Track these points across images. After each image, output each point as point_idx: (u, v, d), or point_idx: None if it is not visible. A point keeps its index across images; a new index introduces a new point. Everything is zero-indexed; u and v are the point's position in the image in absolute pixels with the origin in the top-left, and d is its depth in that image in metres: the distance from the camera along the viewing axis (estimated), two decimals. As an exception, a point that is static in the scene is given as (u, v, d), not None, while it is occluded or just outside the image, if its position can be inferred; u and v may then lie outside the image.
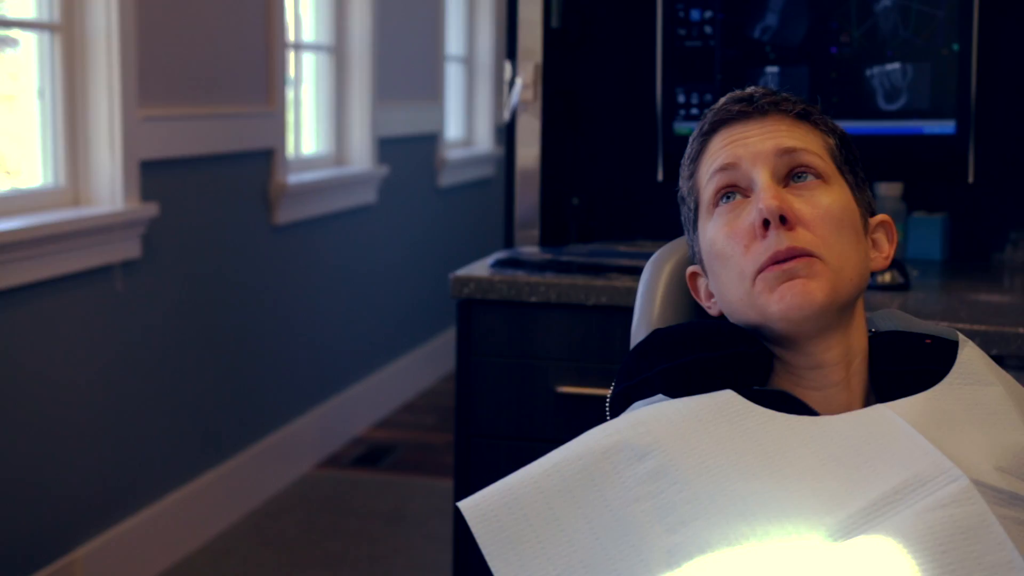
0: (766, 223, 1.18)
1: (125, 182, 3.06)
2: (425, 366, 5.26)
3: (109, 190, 3.05)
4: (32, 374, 2.78)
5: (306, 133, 4.43)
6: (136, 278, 3.16)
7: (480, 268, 2.34)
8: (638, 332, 1.40)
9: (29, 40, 2.95)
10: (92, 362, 3.00)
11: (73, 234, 2.86)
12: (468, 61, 5.98)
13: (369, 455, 4.28)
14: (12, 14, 2.98)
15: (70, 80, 3.01)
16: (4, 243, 2.62)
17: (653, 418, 1.12)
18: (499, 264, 2.34)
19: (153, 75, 3.18)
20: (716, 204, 1.24)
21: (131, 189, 3.08)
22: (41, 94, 2.98)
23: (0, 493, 2.69)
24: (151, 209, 3.13)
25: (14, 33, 3.01)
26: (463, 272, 2.31)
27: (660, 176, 2.38)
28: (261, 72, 3.77)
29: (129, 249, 3.10)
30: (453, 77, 5.85)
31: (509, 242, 2.69)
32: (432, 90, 5.32)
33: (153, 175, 3.20)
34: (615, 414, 1.26)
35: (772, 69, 2.30)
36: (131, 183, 3.08)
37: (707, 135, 1.27)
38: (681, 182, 1.31)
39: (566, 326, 2.25)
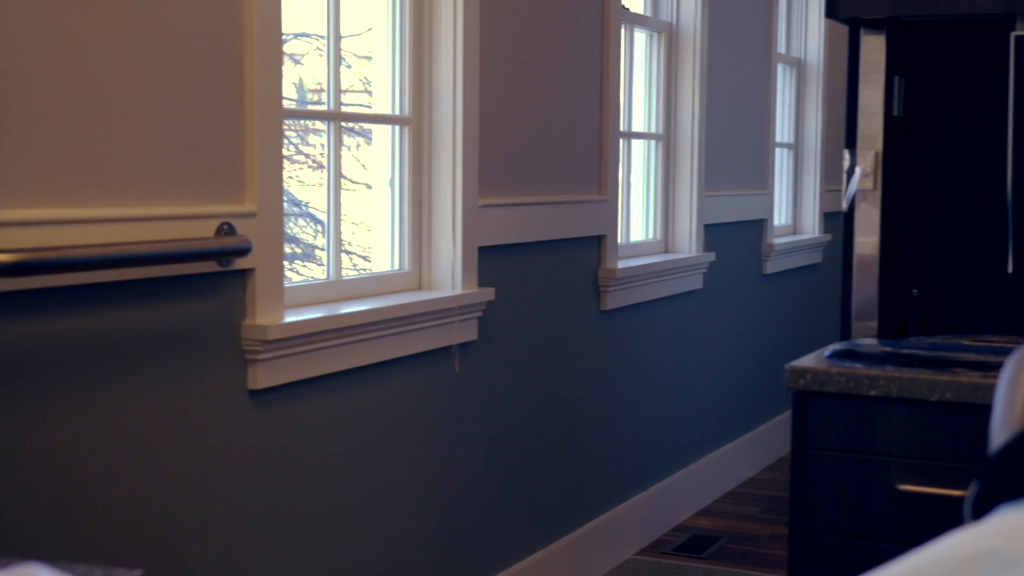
0: None
1: (465, 267, 3.19)
2: (750, 455, 5.18)
3: (450, 275, 3.19)
4: (373, 448, 2.92)
5: (635, 219, 4.50)
6: (472, 359, 3.27)
7: (816, 359, 2.30)
8: (1000, 431, 1.34)
9: (383, 133, 3.15)
10: (428, 439, 3.12)
11: (417, 317, 3.00)
12: (795, 147, 5.92)
13: (692, 543, 4.24)
14: (366, 109, 3.18)
15: (417, 170, 3.18)
16: (356, 324, 2.78)
17: (1023, 525, 1.07)
18: (836, 356, 2.29)
19: (492, 165, 3.32)
20: None
21: (470, 274, 3.21)
22: (391, 183, 3.16)
23: (336, 567, 2.82)
24: (488, 293, 3.24)
25: (369, 127, 3.22)
26: (799, 363, 2.27)
27: (1010, 267, 2.28)
28: (594, 161, 3.87)
29: (467, 331, 3.22)
30: (780, 163, 5.80)
31: (845, 333, 2.62)
32: (760, 177, 5.30)
33: (490, 260, 3.32)
34: (978, 518, 1.21)
35: None
36: (470, 268, 3.21)
37: None
38: None
39: (907, 421, 2.17)
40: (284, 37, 2.58)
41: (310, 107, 3.39)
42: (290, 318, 2.59)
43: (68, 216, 2.06)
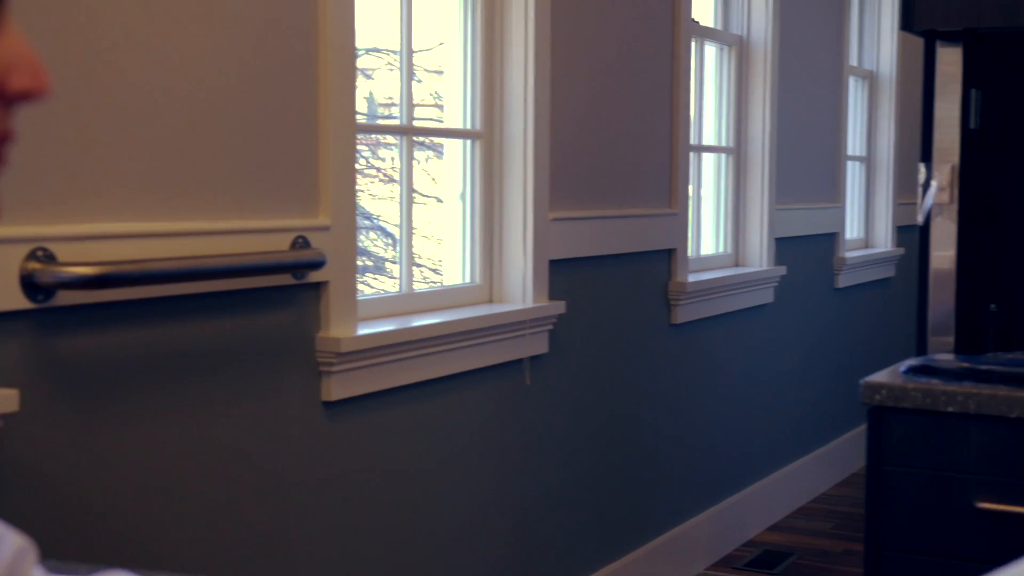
0: None
1: (535, 281, 3.20)
2: (822, 470, 5.13)
3: (521, 288, 3.20)
4: (445, 459, 2.93)
5: (705, 233, 4.48)
6: (543, 372, 3.28)
7: (892, 375, 2.28)
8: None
9: (454, 147, 3.16)
10: (500, 452, 3.13)
11: (488, 330, 3.02)
12: (867, 160, 5.87)
13: (764, 559, 4.21)
14: (437, 123, 3.21)
15: (488, 184, 3.19)
16: (428, 337, 2.80)
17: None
18: (912, 371, 2.26)
19: (563, 179, 3.33)
20: None
21: (540, 287, 3.22)
22: (462, 197, 3.18)
23: None
24: (558, 307, 3.25)
25: (441, 141, 3.24)
26: (874, 378, 2.25)
27: (1092, 282, 2.24)
28: (664, 174, 3.86)
29: (537, 344, 3.23)
30: (852, 177, 5.75)
31: (921, 348, 2.59)
32: (831, 190, 5.25)
33: (560, 274, 3.33)
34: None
35: None
36: (540, 282, 3.22)
37: None
38: None
39: (986, 438, 2.14)
40: (356, 52, 2.61)
41: (380, 121, 3.42)
42: (363, 331, 2.61)
43: (148, 230, 2.09)
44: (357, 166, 2.64)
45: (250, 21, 2.30)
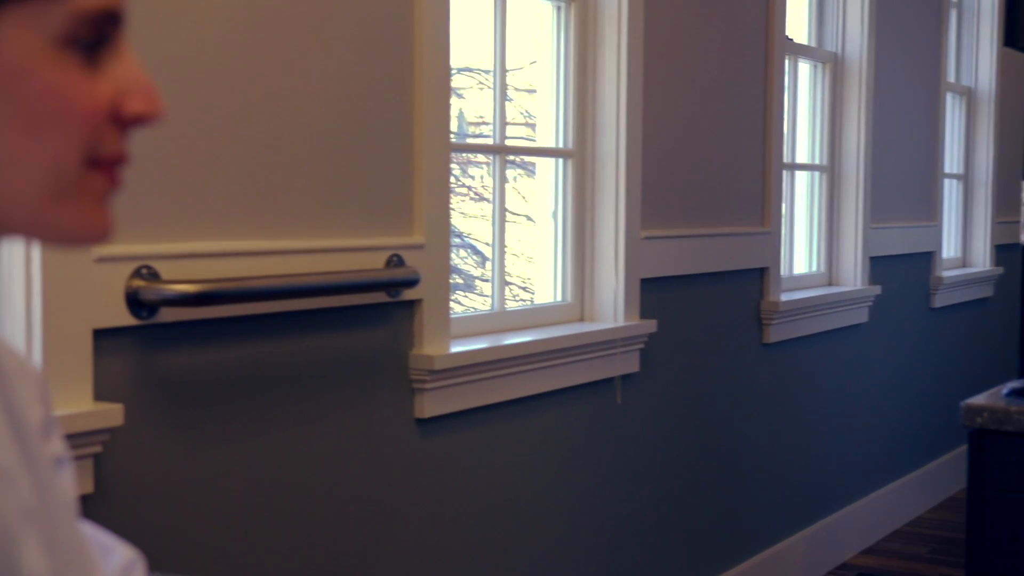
0: None
1: (627, 299, 3.19)
2: (918, 492, 5.04)
3: (612, 307, 3.19)
4: (536, 477, 2.93)
5: (798, 252, 4.44)
6: (634, 391, 3.27)
7: (993, 397, 2.23)
8: None
9: (546, 166, 3.17)
10: (590, 470, 3.12)
11: (579, 348, 3.01)
12: (965, 178, 5.77)
13: (856, 583, 4.14)
14: (527, 142, 3.22)
15: (580, 202, 3.20)
16: (520, 355, 2.80)
17: None
18: (1014, 394, 2.22)
19: (655, 197, 3.32)
20: None
21: (632, 306, 3.21)
22: (554, 215, 3.18)
23: (506, 591, 2.84)
24: (650, 325, 3.24)
25: (532, 159, 3.25)
26: (975, 401, 2.21)
27: None
28: (757, 192, 3.83)
29: (628, 363, 3.22)
30: (949, 194, 5.66)
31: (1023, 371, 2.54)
32: (927, 209, 5.17)
33: (652, 292, 3.32)
34: None
35: None
36: (632, 300, 3.21)
37: None
38: None
39: (1092, 463, 2.09)
40: (451, 72, 2.63)
41: (470, 140, 3.44)
42: (456, 348, 2.62)
43: (248, 248, 2.13)
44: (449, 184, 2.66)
45: (348, 43, 2.33)
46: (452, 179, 2.64)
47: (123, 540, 1.07)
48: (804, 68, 4.42)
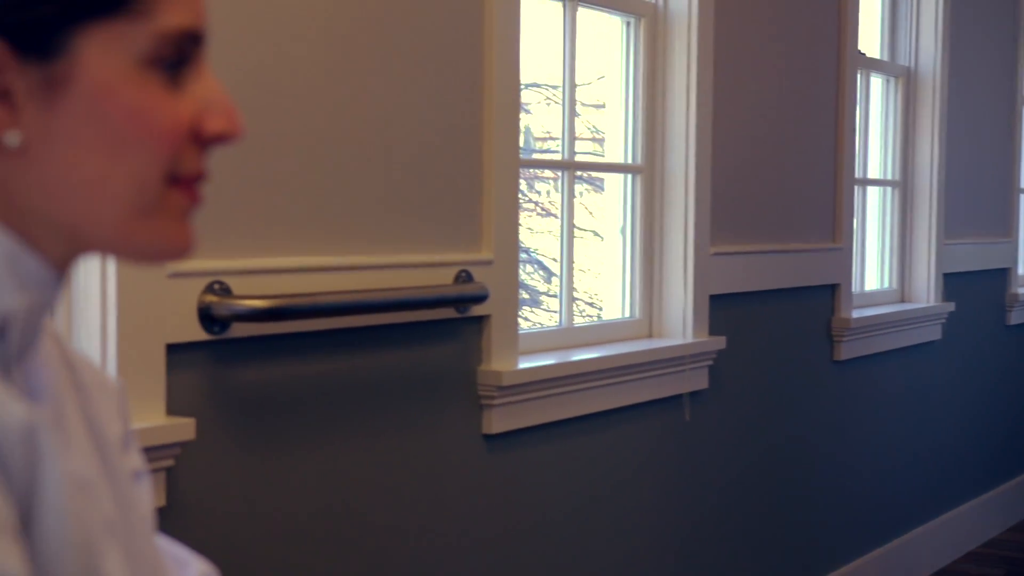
0: None
1: (696, 316, 3.17)
2: (993, 514, 4.95)
3: (681, 323, 3.17)
4: (603, 494, 2.91)
5: (870, 268, 4.38)
6: (703, 408, 3.24)
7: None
8: None
9: (615, 181, 3.16)
10: (658, 488, 3.10)
11: (648, 365, 3.00)
12: (1041, 193, 5.67)
13: (930, 605, 4.07)
14: (595, 157, 3.21)
15: (648, 218, 3.18)
16: (588, 371, 2.79)
17: None
18: (1095, 413, 2.17)
19: (724, 213, 3.30)
20: None
21: (701, 322, 3.19)
22: (623, 231, 3.17)
23: (573, 609, 2.83)
24: (719, 342, 3.21)
25: (600, 175, 3.24)
26: (1055, 420, 2.16)
27: None
28: (828, 208, 3.79)
29: (697, 380, 3.20)
30: (1024, 209, 5.57)
31: (1104, 389, 2.49)
32: (1003, 224, 5.09)
33: (721, 308, 3.29)
34: None
35: None
36: (701, 317, 3.19)
37: None
38: None
39: None
40: (520, 87, 2.63)
41: (537, 155, 3.44)
42: (524, 364, 2.62)
43: (318, 264, 2.14)
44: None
45: (418, 59, 2.34)
46: (519, 194, 2.64)
47: (197, 554, 1.08)
48: (876, 82, 4.37)
